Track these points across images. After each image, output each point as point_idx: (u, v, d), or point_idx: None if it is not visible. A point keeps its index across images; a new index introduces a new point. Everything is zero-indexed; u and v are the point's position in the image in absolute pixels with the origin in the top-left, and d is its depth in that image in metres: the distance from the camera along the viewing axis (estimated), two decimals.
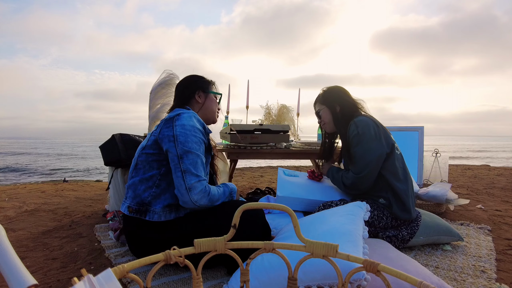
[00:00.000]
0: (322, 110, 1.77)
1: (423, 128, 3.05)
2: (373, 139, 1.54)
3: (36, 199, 2.79)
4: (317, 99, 1.81)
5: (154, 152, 1.29)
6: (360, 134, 1.55)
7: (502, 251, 1.61)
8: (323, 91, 1.79)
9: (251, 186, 3.57)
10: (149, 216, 1.25)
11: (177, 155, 1.22)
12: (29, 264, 1.45)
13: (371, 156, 1.53)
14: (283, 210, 0.70)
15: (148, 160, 1.29)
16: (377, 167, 1.55)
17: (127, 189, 1.32)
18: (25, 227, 1.98)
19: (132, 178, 1.31)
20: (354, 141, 1.57)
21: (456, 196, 2.25)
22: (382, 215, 1.54)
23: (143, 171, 1.29)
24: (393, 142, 1.62)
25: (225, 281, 1.23)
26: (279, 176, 1.93)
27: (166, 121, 1.29)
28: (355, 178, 1.56)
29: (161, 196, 1.27)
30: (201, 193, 1.23)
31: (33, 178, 10.11)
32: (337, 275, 0.68)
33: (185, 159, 1.22)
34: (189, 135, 1.24)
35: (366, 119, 1.59)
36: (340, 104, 1.71)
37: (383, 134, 1.59)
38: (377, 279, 0.64)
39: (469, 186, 3.52)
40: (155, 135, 1.30)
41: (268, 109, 2.77)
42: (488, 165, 6.32)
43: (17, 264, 0.49)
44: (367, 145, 1.54)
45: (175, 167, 1.22)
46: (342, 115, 1.70)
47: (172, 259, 0.64)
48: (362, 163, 1.54)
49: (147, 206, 1.26)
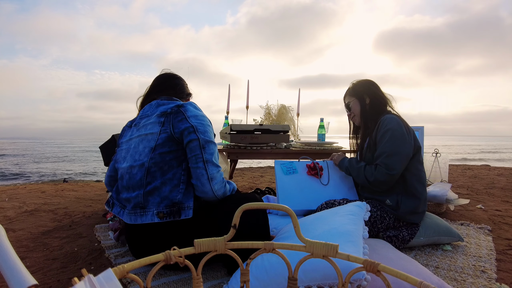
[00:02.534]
0: (352, 101, 1.74)
1: (423, 128, 3.05)
2: (405, 136, 1.53)
3: (36, 199, 2.79)
4: (347, 92, 1.79)
5: (171, 149, 1.22)
6: (392, 129, 1.53)
7: (502, 251, 1.61)
8: (353, 84, 1.77)
9: (251, 186, 3.57)
10: (184, 214, 1.20)
11: (199, 145, 1.21)
12: (29, 264, 1.45)
13: (403, 152, 1.51)
14: (283, 211, 0.70)
15: (165, 160, 1.22)
16: (404, 166, 1.54)
17: (144, 198, 1.20)
18: (25, 227, 1.98)
19: (148, 185, 1.20)
20: (386, 136, 1.54)
21: (456, 196, 2.25)
22: (385, 215, 1.54)
23: (161, 172, 1.21)
24: (419, 145, 1.61)
25: (225, 281, 1.23)
26: (278, 177, 1.84)
27: (174, 115, 1.25)
28: (386, 175, 1.51)
29: (190, 191, 1.24)
30: (221, 184, 1.26)
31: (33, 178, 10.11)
32: (337, 275, 0.68)
33: (207, 149, 1.23)
34: (205, 125, 1.26)
35: (397, 118, 1.59)
36: (370, 97, 1.69)
37: (412, 134, 1.59)
38: (377, 279, 0.64)
39: (469, 186, 3.52)
40: (167, 131, 1.23)
41: (268, 109, 2.77)
42: (488, 165, 6.32)
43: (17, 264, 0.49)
44: (399, 140, 1.52)
45: (196, 157, 1.21)
46: (371, 107, 1.68)
47: (172, 259, 0.64)
48: (394, 160, 1.50)
49: (179, 205, 1.20)
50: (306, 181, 1.85)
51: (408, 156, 1.53)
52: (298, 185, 1.82)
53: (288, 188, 1.80)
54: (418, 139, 1.62)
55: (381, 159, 1.54)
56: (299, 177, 1.87)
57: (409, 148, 1.53)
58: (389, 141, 1.53)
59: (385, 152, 1.53)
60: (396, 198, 1.55)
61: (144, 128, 1.29)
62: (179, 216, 1.19)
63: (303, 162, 1.93)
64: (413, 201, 1.54)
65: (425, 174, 1.62)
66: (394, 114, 1.66)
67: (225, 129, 2.46)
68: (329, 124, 2.59)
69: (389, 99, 1.72)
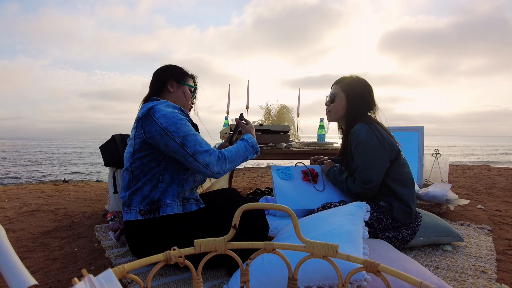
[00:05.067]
0: (339, 98, 1.66)
1: (423, 128, 3.05)
2: (376, 148, 1.50)
3: (36, 200, 2.79)
4: (339, 83, 1.69)
5: (147, 153, 1.27)
6: (363, 143, 1.51)
7: (502, 251, 1.61)
8: (352, 79, 1.68)
9: (251, 187, 3.57)
10: (162, 211, 1.26)
11: (178, 145, 1.21)
12: (29, 264, 1.45)
13: (377, 166, 1.50)
14: (283, 211, 0.70)
15: (144, 162, 1.27)
16: (382, 176, 1.53)
17: (129, 197, 1.28)
18: (25, 227, 1.98)
19: (133, 186, 1.28)
20: (358, 149, 1.53)
21: (456, 196, 2.25)
22: (382, 216, 1.54)
23: (143, 174, 1.28)
24: (398, 148, 1.59)
25: (225, 281, 1.23)
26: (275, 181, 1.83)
27: (144, 119, 1.26)
28: (363, 188, 1.52)
29: (168, 189, 1.28)
30: (219, 163, 1.25)
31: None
32: (337, 275, 0.68)
33: (187, 143, 1.21)
34: (175, 122, 1.23)
35: (367, 128, 1.53)
36: (358, 102, 1.63)
37: (387, 141, 1.54)
38: (377, 279, 0.64)
39: (469, 186, 3.51)
40: (140, 137, 1.27)
41: (268, 109, 2.77)
42: (488, 165, 6.32)
43: (17, 264, 0.49)
44: (371, 153, 1.50)
45: (183, 155, 1.22)
46: (353, 112, 1.63)
47: (172, 260, 0.64)
48: (369, 174, 1.50)
49: (158, 203, 1.26)
50: (303, 186, 1.84)
51: (384, 166, 1.52)
52: (295, 189, 1.81)
53: (285, 190, 1.79)
54: (395, 142, 1.57)
55: (357, 173, 1.55)
56: (296, 182, 1.86)
57: (383, 158, 1.51)
58: (361, 155, 1.52)
59: (359, 166, 1.54)
60: (388, 200, 1.55)
61: (131, 133, 1.36)
62: (158, 213, 1.26)
63: (299, 168, 1.90)
64: (401, 202, 1.54)
65: (409, 174, 1.58)
66: (366, 122, 1.57)
67: (225, 129, 2.46)
68: (329, 124, 2.59)
69: (376, 107, 1.67)
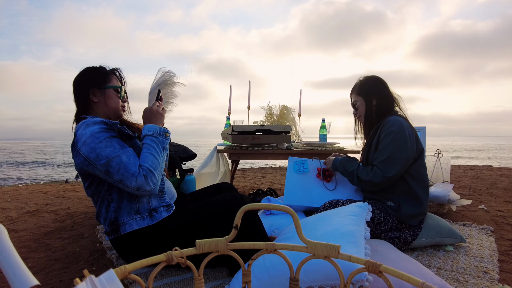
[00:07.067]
0: (359, 102, 1.68)
1: (424, 129, 3.05)
2: (406, 140, 1.51)
3: (38, 200, 2.79)
4: (353, 89, 1.72)
5: (90, 180, 1.26)
6: (395, 132, 1.51)
7: (504, 251, 1.60)
8: (360, 81, 1.70)
9: (252, 187, 3.57)
10: (122, 229, 1.24)
11: (103, 173, 1.16)
12: (31, 264, 1.45)
13: (402, 156, 1.49)
14: (285, 211, 0.70)
15: (92, 188, 1.27)
16: (403, 170, 1.52)
17: (99, 220, 1.32)
18: (27, 228, 1.98)
19: (96, 211, 1.31)
20: (388, 139, 1.52)
21: (458, 196, 2.24)
22: (388, 217, 1.53)
23: (96, 198, 1.28)
24: (422, 147, 1.59)
25: (227, 282, 1.23)
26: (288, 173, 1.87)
27: (72, 150, 1.23)
28: (382, 177, 1.50)
29: (121, 207, 1.25)
30: (148, 180, 1.17)
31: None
32: (339, 276, 0.68)
33: (111, 169, 1.14)
34: (94, 147, 1.14)
35: (401, 120, 1.56)
36: (377, 97, 1.63)
37: (416, 138, 1.56)
38: (379, 280, 0.64)
39: (471, 187, 3.50)
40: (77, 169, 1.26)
41: (269, 109, 2.77)
42: (490, 166, 6.30)
43: (19, 264, 0.49)
44: (400, 144, 1.50)
45: (113, 182, 1.17)
46: (377, 109, 1.63)
47: (174, 260, 0.64)
48: (393, 164, 1.49)
49: (116, 222, 1.25)
50: (315, 183, 1.88)
51: (409, 160, 1.52)
52: (306, 185, 1.86)
53: (295, 184, 1.85)
54: (420, 141, 1.59)
55: (379, 161, 1.53)
56: (309, 177, 1.89)
57: (410, 152, 1.51)
58: (389, 144, 1.51)
59: (384, 155, 1.52)
60: (397, 200, 1.54)
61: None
62: (119, 232, 1.25)
63: (316, 162, 1.93)
64: (414, 205, 1.53)
65: (427, 177, 1.60)
66: (400, 115, 1.62)
67: (227, 130, 2.46)
68: (330, 124, 2.58)
69: (397, 99, 1.68)
